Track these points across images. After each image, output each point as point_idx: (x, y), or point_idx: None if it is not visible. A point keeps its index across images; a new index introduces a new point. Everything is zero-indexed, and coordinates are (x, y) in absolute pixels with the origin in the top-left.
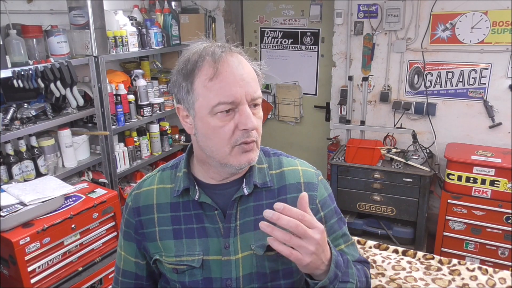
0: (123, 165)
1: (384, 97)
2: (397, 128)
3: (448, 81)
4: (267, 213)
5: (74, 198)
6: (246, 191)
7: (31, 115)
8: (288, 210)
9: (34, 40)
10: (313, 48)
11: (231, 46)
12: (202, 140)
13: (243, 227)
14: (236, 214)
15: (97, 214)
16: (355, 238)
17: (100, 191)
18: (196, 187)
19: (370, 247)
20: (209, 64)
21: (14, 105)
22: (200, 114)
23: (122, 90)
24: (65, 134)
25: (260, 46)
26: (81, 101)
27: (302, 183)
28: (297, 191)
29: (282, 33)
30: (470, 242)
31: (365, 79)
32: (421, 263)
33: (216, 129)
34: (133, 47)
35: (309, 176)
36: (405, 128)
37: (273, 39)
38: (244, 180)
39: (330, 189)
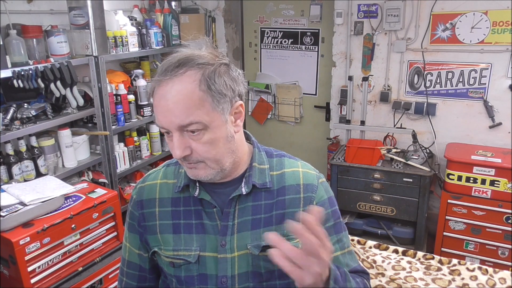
0: (123, 165)
1: (384, 97)
2: (397, 128)
3: (448, 81)
4: (302, 217)
5: (74, 198)
6: (244, 191)
7: (31, 115)
8: (313, 226)
9: (34, 40)
10: (313, 48)
11: (184, 64)
12: None
13: (241, 226)
14: (234, 213)
15: (97, 214)
16: (355, 238)
17: (100, 191)
18: (197, 184)
19: (370, 247)
20: (153, 86)
21: (14, 105)
22: None
23: (122, 90)
24: (65, 134)
25: (260, 46)
26: (81, 101)
27: (301, 185)
28: (296, 192)
29: (282, 33)
30: (470, 242)
31: (365, 79)
32: (421, 263)
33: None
34: (133, 47)
35: (310, 178)
36: (405, 128)
37: (273, 39)
38: (244, 179)
39: (331, 193)
